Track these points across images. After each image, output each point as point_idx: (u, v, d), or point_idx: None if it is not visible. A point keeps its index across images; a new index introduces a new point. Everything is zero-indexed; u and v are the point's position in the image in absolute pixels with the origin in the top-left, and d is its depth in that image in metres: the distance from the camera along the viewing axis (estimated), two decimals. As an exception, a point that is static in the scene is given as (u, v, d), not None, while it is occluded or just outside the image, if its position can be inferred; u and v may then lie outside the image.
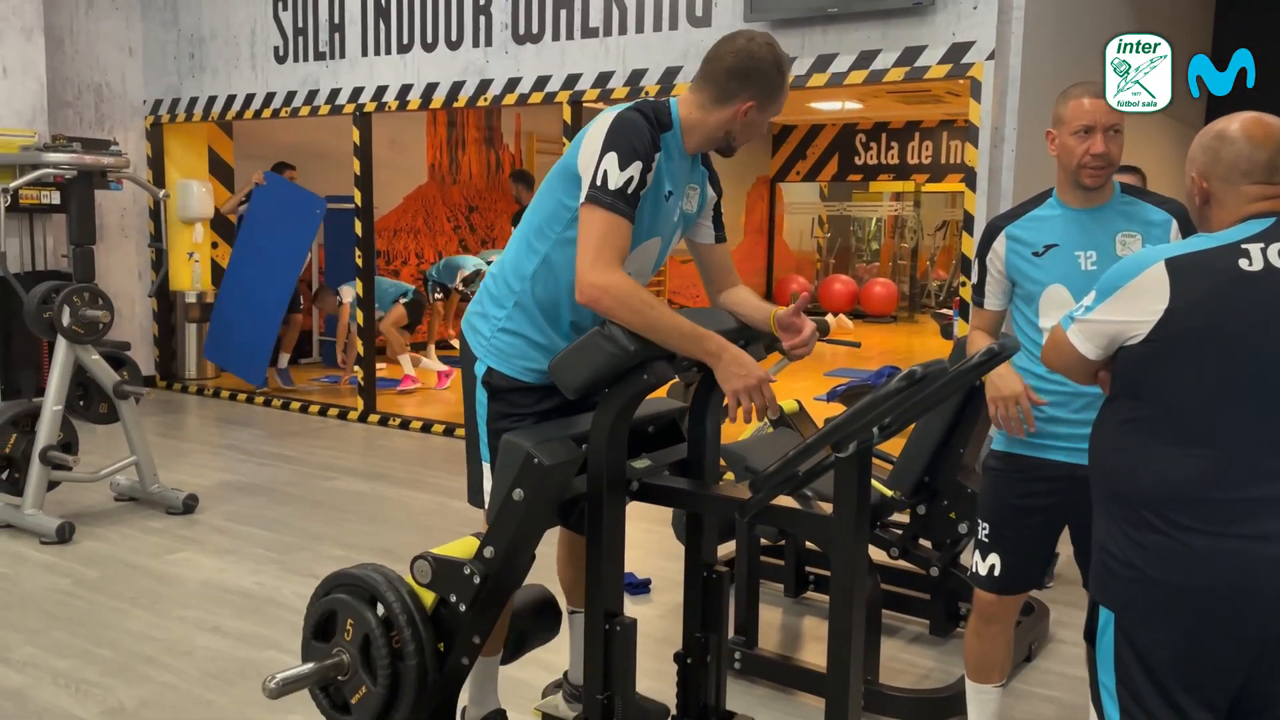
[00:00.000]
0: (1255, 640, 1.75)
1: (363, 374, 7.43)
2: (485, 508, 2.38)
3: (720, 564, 2.46)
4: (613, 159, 2.17)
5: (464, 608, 2.12)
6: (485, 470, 2.42)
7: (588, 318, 2.37)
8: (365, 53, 7.13)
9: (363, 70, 7.16)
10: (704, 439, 2.38)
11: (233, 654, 3.42)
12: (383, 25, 7.04)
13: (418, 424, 7.14)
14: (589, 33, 6.20)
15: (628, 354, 2.09)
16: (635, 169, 2.17)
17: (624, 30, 6.07)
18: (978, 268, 2.63)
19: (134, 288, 8.39)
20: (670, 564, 4.13)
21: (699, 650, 2.41)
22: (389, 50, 7.02)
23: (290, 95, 7.53)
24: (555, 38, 6.32)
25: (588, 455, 2.14)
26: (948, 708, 3.04)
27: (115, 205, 8.18)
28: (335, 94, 7.29)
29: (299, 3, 7.43)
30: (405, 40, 6.94)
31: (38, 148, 7.15)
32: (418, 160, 10.57)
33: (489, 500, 2.31)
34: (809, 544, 3.98)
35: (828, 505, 2.16)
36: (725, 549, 3.44)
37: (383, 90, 7.07)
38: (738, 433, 4.60)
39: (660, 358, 2.16)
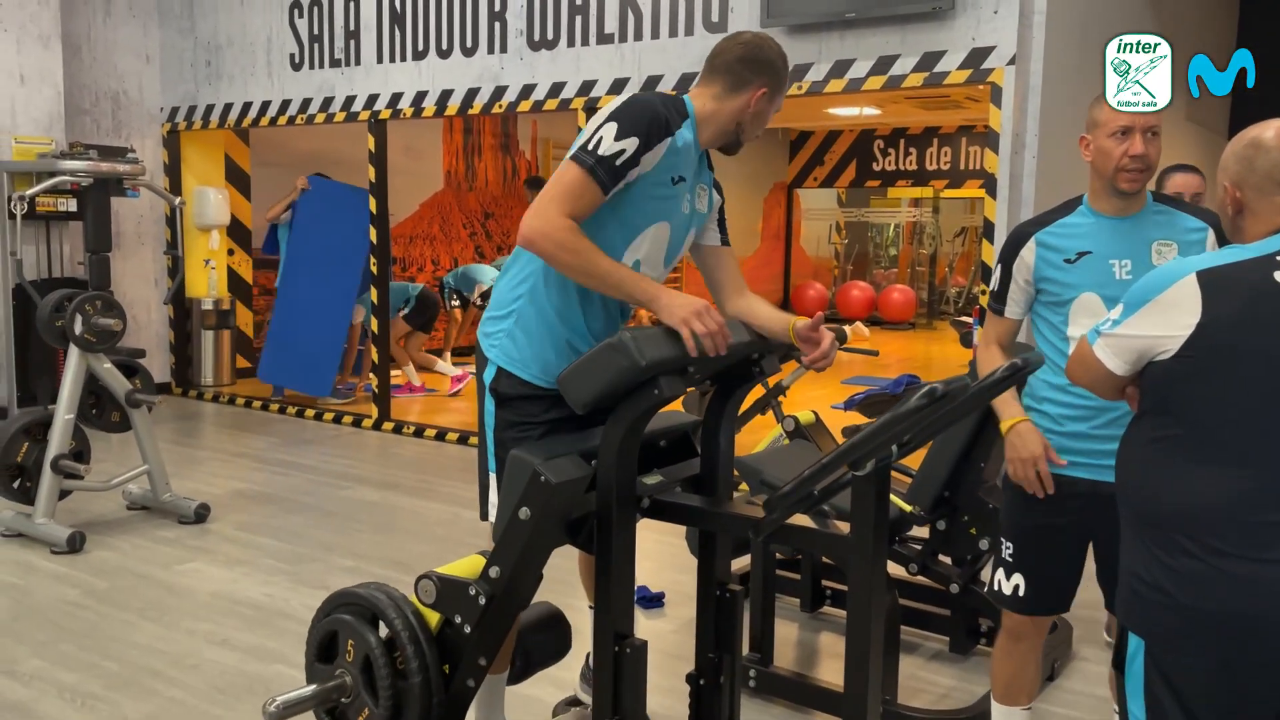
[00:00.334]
0: (1293, 671, 1.67)
1: (377, 381, 7.40)
2: (492, 521, 2.33)
3: (734, 580, 2.40)
4: (611, 128, 2.17)
5: (469, 629, 2.06)
6: (492, 481, 2.36)
7: (598, 317, 2.34)
8: (380, 59, 7.12)
9: (378, 77, 7.14)
10: (717, 454, 2.32)
11: (240, 668, 3.38)
12: (398, 32, 7.02)
13: (431, 432, 7.10)
14: (604, 39, 6.15)
15: (638, 367, 2.03)
16: (630, 144, 2.16)
17: (639, 36, 6.03)
18: (1000, 273, 2.55)
19: (150, 295, 8.40)
20: (684, 577, 4.07)
21: (712, 671, 2.35)
22: (404, 57, 7.00)
23: (306, 102, 7.52)
24: (570, 44, 6.28)
25: (597, 472, 2.09)
26: (968, 729, 2.96)
27: (132, 212, 8.20)
28: (350, 101, 7.28)
29: (314, 10, 7.42)
30: (420, 47, 6.92)
31: (54, 155, 7.17)
32: (434, 167, 10.56)
33: (495, 517, 2.26)
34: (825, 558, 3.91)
35: (844, 523, 2.10)
36: (739, 563, 3.39)
37: (398, 97, 7.05)
38: (753, 444, 4.53)
39: (672, 371, 2.10)
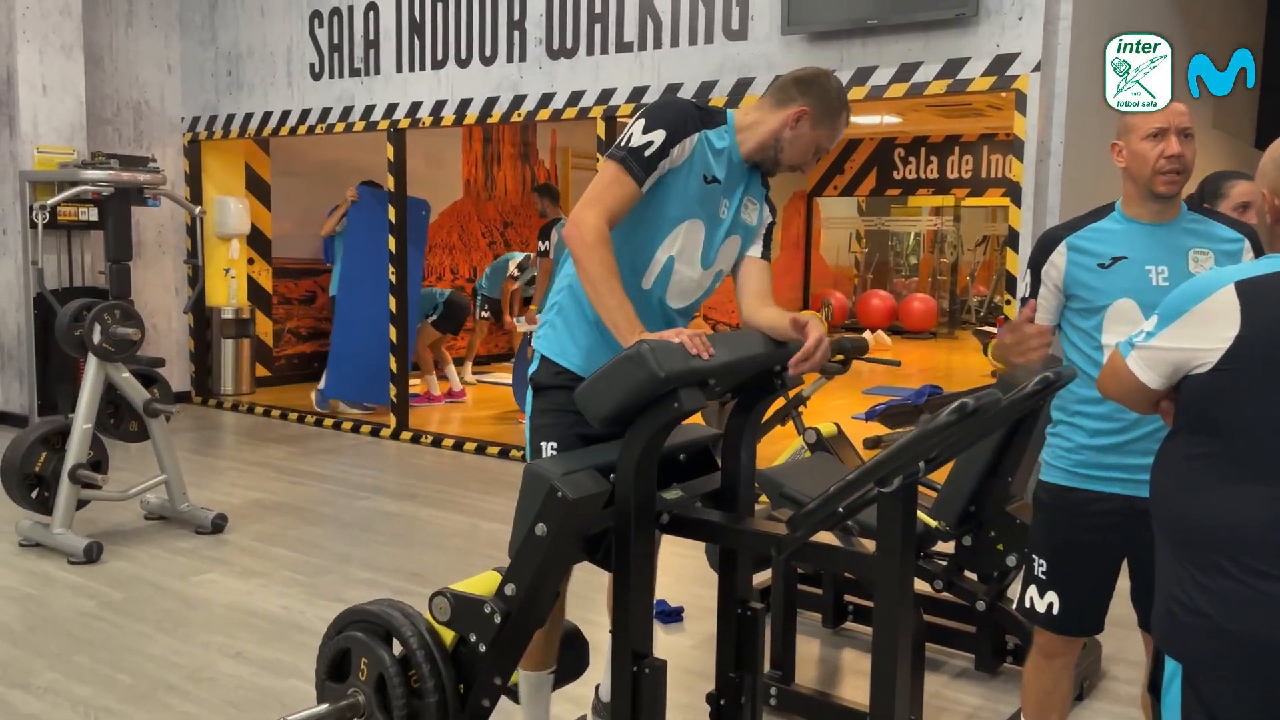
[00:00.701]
0: (1342, 701, 1.60)
1: (395, 391, 7.38)
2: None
3: (756, 596, 2.34)
4: (640, 124, 2.30)
5: (484, 647, 2.01)
6: None
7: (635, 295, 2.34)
8: (400, 69, 7.11)
9: (397, 86, 7.14)
10: (739, 468, 2.27)
11: (255, 682, 3.34)
12: (417, 41, 7.01)
13: (449, 442, 7.07)
14: (623, 47, 6.12)
15: (657, 380, 1.98)
16: (657, 135, 2.28)
17: (659, 44, 5.99)
18: (1030, 279, 2.49)
19: (170, 303, 8.42)
20: (704, 591, 4.01)
21: (733, 691, 2.29)
22: (423, 66, 7.00)
23: (325, 112, 7.53)
24: (590, 52, 6.25)
25: (615, 487, 2.04)
26: (995, 750, 2.89)
27: (153, 222, 8.23)
28: (370, 110, 7.28)
29: (335, 19, 7.44)
30: (440, 56, 6.91)
31: (76, 165, 7.21)
32: (453, 176, 10.56)
33: (512, 533, 2.22)
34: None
35: (868, 540, 2.04)
36: (760, 577, 3.33)
37: (417, 106, 7.04)
38: (773, 455, 4.47)
39: (692, 384, 2.05)
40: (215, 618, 3.90)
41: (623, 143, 2.29)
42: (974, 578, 3.41)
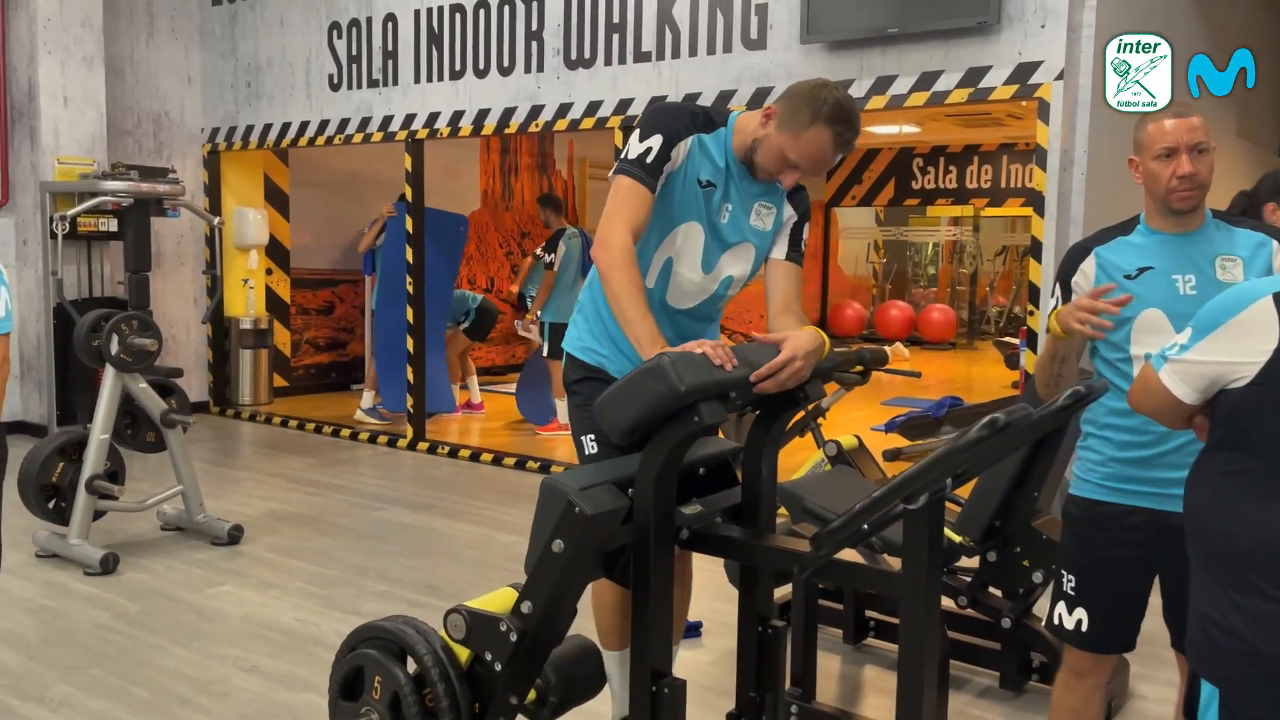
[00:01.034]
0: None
1: (412, 401, 7.36)
2: None
3: (776, 613, 2.29)
4: (635, 135, 2.37)
5: (500, 666, 1.97)
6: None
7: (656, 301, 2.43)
8: (418, 80, 7.12)
9: (415, 97, 7.14)
10: (760, 483, 2.23)
11: (269, 696, 3.31)
12: (435, 52, 7.02)
13: (466, 452, 7.05)
14: (641, 57, 6.10)
15: (677, 393, 1.94)
16: (654, 141, 2.34)
17: (677, 54, 5.97)
18: (1060, 292, 2.45)
19: (189, 314, 8.44)
20: (724, 605, 3.95)
21: (753, 711, 2.24)
22: (441, 77, 7.00)
23: (344, 122, 7.54)
24: (607, 62, 6.23)
25: (634, 502, 2.00)
26: (1022, 772, 2.82)
27: (172, 232, 8.25)
28: (388, 121, 7.28)
29: (353, 31, 7.45)
30: (458, 67, 6.91)
31: (96, 176, 7.23)
32: (471, 186, 10.56)
33: (528, 549, 2.18)
34: (869, 587, 3.78)
35: (893, 557, 1.99)
36: (780, 591, 3.27)
37: (435, 117, 7.04)
38: (793, 466, 4.42)
39: (712, 397, 2.01)
40: (230, 630, 3.88)
41: (624, 155, 2.36)
42: (998, 594, 3.35)
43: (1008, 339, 9.07)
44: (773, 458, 2.28)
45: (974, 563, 3.34)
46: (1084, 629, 2.38)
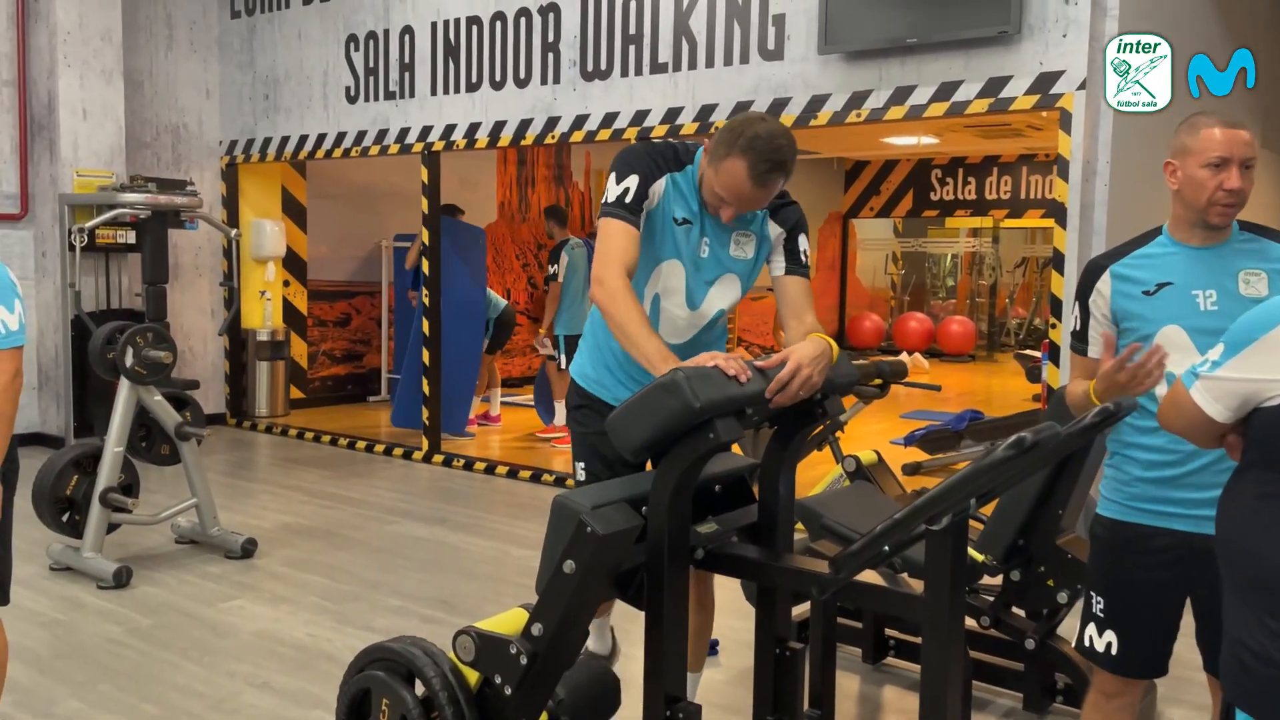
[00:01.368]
0: None
1: (428, 413, 7.34)
2: None
3: (795, 634, 2.24)
4: (612, 178, 2.45)
5: (510, 690, 1.92)
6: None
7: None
8: (434, 92, 7.11)
9: (432, 109, 7.13)
10: (777, 501, 2.18)
11: (279, 713, 3.27)
12: (452, 64, 7.01)
13: (481, 465, 7.01)
14: (658, 68, 6.07)
15: (692, 409, 1.89)
16: (630, 181, 2.41)
17: (694, 65, 5.94)
18: (1079, 312, 2.39)
19: (207, 326, 8.46)
20: (741, 623, 3.89)
21: (770, 735, 2.19)
22: (458, 89, 6.99)
23: (361, 135, 7.54)
24: (624, 74, 6.21)
25: (647, 521, 1.95)
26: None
27: (190, 244, 8.27)
28: (405, 133, 7.28)
29: (370, 43, 7.46)
30: (474, 79, 6.90)
31: (115, 188, 7.26)
32: (488, 198, 10.56)
33: (540, 568, 2.13)
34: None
35: (915, 579, 1.93)
36: (798, 609, 3.21)
37: (451, 129, 7.03)
38: (810, 480, 4.36)
39: (728, 413, 1.96)
40: (242, 646, 3.84)
41: (606, 199, 2.44)
42: (1022, 614, 3.27)
43: (1029, 352, 8.97)
44: (790, 474, 2.23)
45: (997, 581, 3.27)
46: (1114, 652, 2.32)
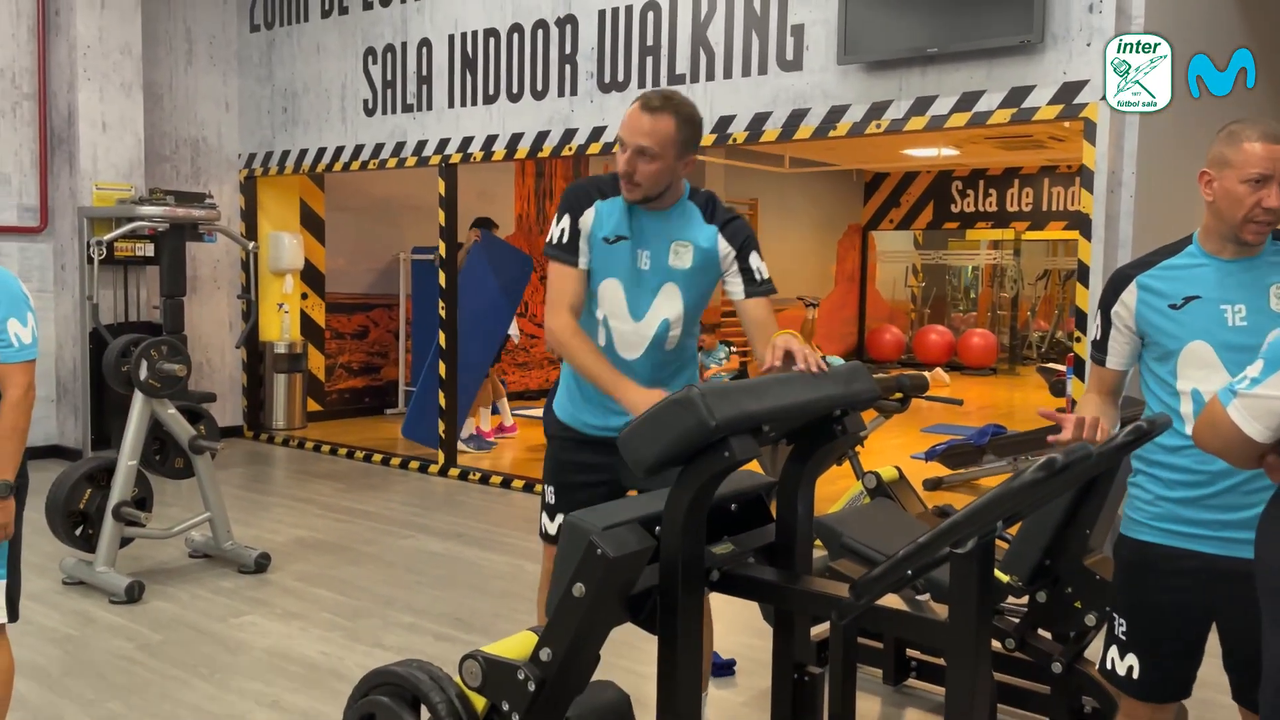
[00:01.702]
0: None
1: (444, 427, 7.30)
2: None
3: (814, 658, 2.16)
4: (555, 220, 2.65)
5: (517, 717, 1.86)
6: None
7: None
8: (452, 104, 7.10)
9: (449, 121, 7.11)
10: (795, 522, 2.11)
11: (289, 733, 3.23)
12: (469, 76, 6.99)
13: (497, 479, 6.96)
14: (675, 79, 6.03)
15: (708, 427, 1.83)
16: (564, 222, 2.63)
17: (711, 76, 5.89)
18: (1101, 321, 2.32)
19: (224, 338, 8.46)
20: (758, 641, 3.81)
21: (788, 764, 2.11)
22: (475, 101, 6.97)
23: (378, 147, 7.53)
24: (641, 85, 6.16)
25: (661, 543, 1.88)
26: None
27: (209, 257, 8.28)
28: (422, 145, 7.27)
29: (388, 56, 7.46)
30: (491, 91, 6.88)
31: (133, 201, 7.28)
32: (505, 210, 10.54)
33: (548, 594, 2.07)
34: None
35: (939, 604, 1.86)
36: (818, 629, 3.13)
37: (468, 141, 7.01)
38: (829, 496, 4.27)
39: (744, 430, 1.90)
40: (253, 663, 3.79)
41: (549, 241, 2.65)
42: (1048, 636, 3.18)
43: (1052, 365, 8.85)
44: (809, 492, 2.16)
45: (1023, 602, 3.18)
46: (1135, 676, 2.25)
